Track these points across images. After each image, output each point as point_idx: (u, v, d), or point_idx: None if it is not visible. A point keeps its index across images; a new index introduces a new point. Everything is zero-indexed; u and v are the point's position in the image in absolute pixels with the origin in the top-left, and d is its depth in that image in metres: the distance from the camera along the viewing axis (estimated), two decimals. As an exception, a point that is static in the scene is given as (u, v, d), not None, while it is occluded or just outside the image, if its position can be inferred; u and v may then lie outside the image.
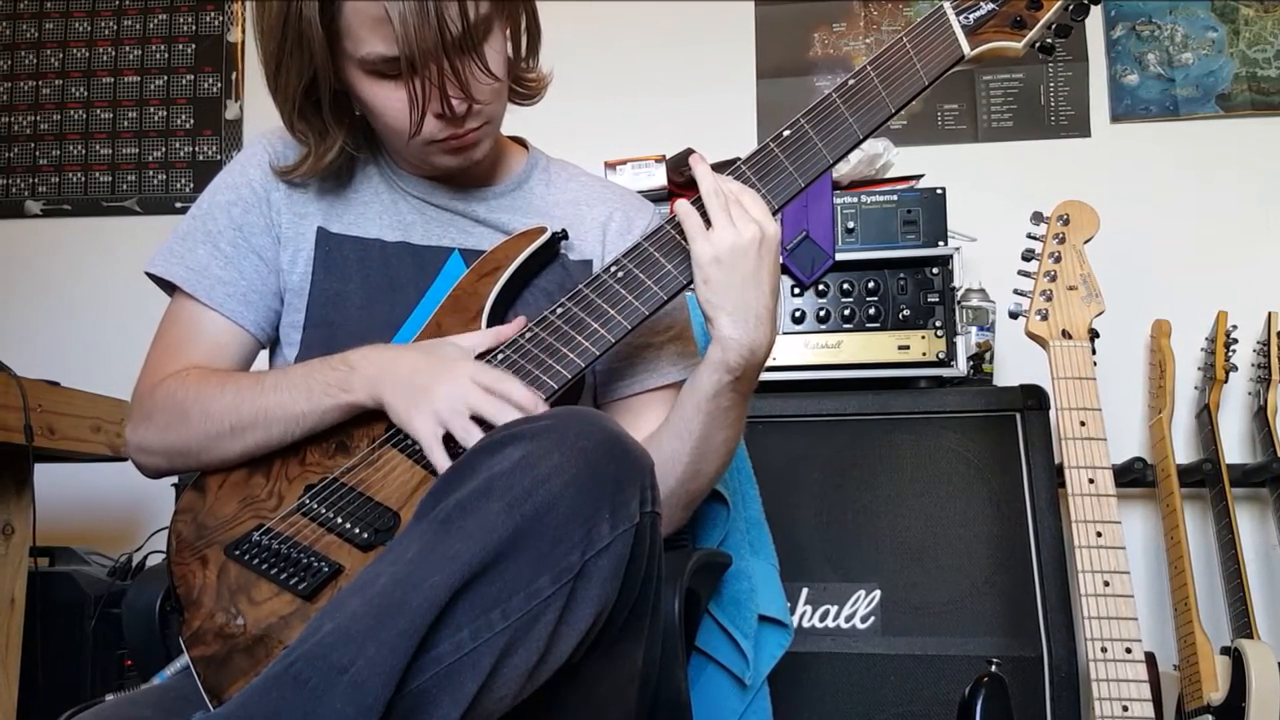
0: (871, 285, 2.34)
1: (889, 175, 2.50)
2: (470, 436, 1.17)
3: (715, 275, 1.23)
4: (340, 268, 1.41)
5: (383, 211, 1.45)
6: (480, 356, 1.28)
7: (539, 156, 1.56)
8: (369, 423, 1.28)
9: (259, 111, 3.30)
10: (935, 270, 2.33)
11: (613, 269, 1.30)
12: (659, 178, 2.46)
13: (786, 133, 1.31)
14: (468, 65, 1.26)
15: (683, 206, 1.27)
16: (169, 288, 1.43)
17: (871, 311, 2.34)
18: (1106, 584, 1.80)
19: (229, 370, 1.40)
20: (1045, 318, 1.92)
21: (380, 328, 1.39)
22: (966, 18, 1.32)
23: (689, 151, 2.50)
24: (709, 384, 1.27)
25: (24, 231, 3.39)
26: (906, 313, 2.33)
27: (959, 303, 2.41)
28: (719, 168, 1.31)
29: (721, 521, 1.61)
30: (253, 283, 1.41)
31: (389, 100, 1.28)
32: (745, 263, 1.23)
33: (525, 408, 1.19)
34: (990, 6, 1.32)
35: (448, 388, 1.20)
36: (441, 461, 1.18)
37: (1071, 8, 1.34)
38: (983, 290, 2.56)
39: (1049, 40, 1.36)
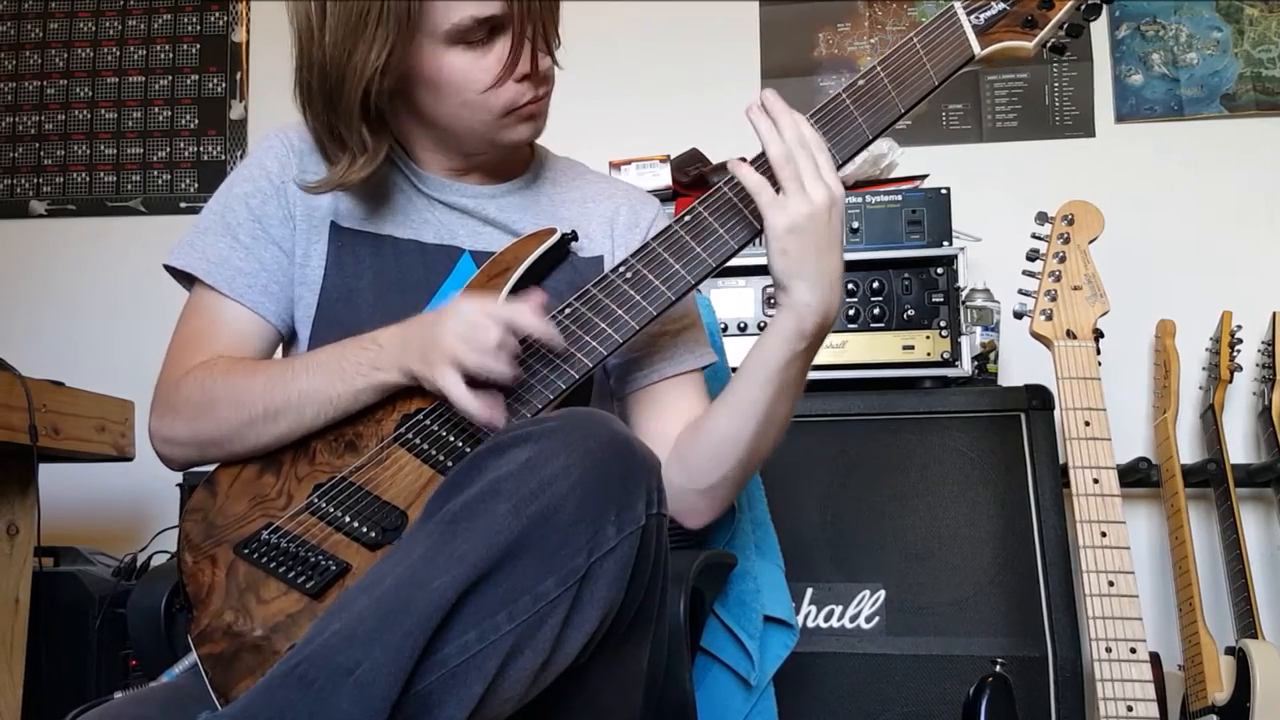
0: (876, 285, 2.34)
1: (894, 175, 2.50)
2: (487, 366, 1.18)
3: (792, 245, 1.22)
4: (353, 264, 1.41)
5: (396, 209, 1.45)
6: None
7: (545, 154, 1.56)
8: (378, 422, 1.28)
9: (264, 111, 3.31)
10: (940, 270, 2.33)
11: (621, 269, 1.30)
12: (664, 177, 2.46)
13: None
14: (549, 24, 1.28)
15: (751, 177, 1.24)
16: (187, 281, 1.43)
17: (876, 312, 2.34)
18: (1111, 584, 1.80)
19: (251, 358, 1.40)
20: (1050, 318, 1.92)
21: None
22: (977, 17, 1.31)
23: (694, 151, 2.51)
24: (781, 355, 1.27)
25: (29, 231, 3.39)
26: (911, 313, 2.33)
27: (964, 303, 2.41)
28: (723, 168, 1.31)
29: (727, 522, 1.60)
30: (273, 273, 1.41)
31: (472, 69, 1.28)
32: (820, 229, 1.22)
33: (533, 332, 1.21)
34: (1001, 6, 1.31)
35: (450, 326, 1.21)
36: (476, 410, 1.19)
37: (1084, 7, 1.32)
38: (987, 290, 2.56)
39: (1060, 41, 1.35)
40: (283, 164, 1.43)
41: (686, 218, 1.30)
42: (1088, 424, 1.87)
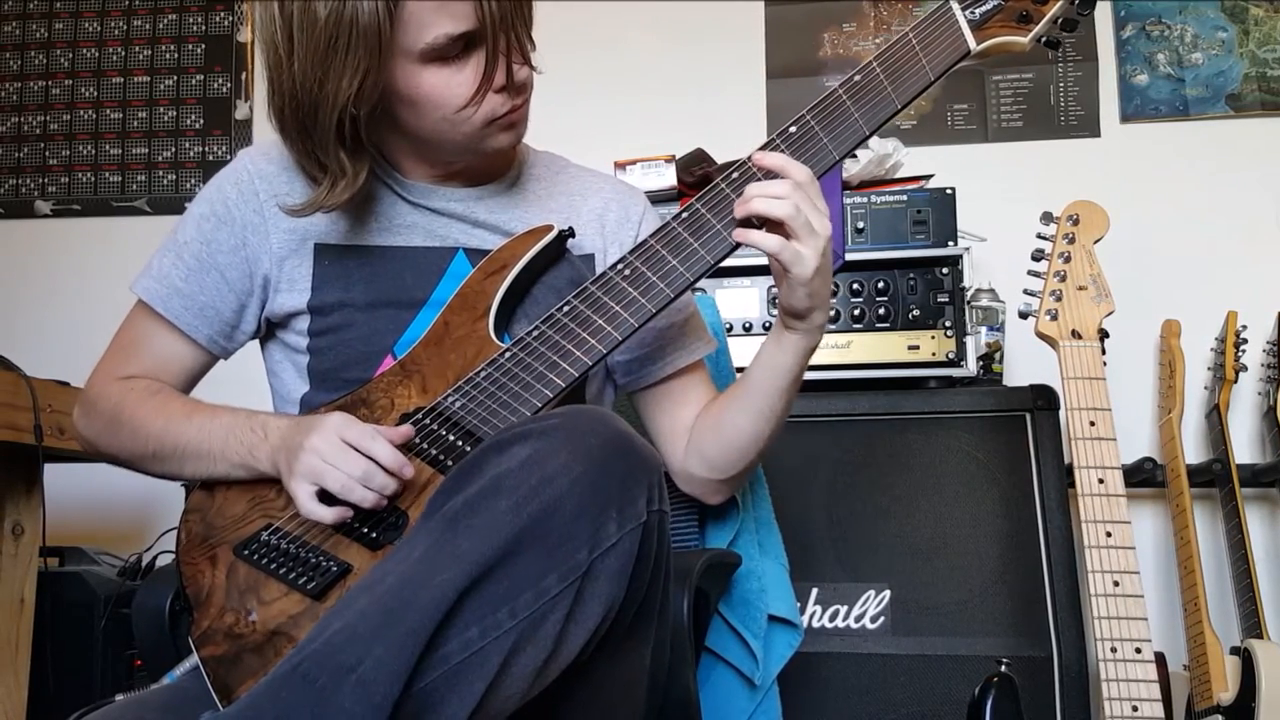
0: (881, 285, 2.33)
1: (899, 175, 2.49)
2: (347, 490, 1.15)
3: (817, 284, 1.28)
4: (341, 279, 1.40)
5: (381, 218, 1.43)
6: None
7: (526, 151, 1.55)
8: (376, 421, 1.27)
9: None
10: (945, 270, 2.33)
11: (620, 266, 1.29)
12: (669, 178, 2.46)
13: (793, 129, 1.30)
14: (522, 33, 1.28)
15: (767, 240, 1.25)
16: None
17: (881, 311, 2.33)
18: (1116, 584, 1.79)
19: (171, 390, 1.41)
20: (1055, 318, 1.91)
21: (385, 333, 1.38)
22: (972, 12, 1.30)
23: (699, 151, 2.51)
24: (798, 368, 1.38)
25: (34, 231, 3.40)
26: (916, 313, 2.32)
27: (969, 303, 2.40)
28: (726, 168, 1.30)
29: (731, 521, 1.61)
30: (211, 298, 1.41)
31: (448, 85, 1.27)
32: (828, 257, 1.28)
33: (389, 467, 1.16)
34: (996, 1, 1.30)
35: (313, 440, 1.17)
36: (322, 515, 1.16)
37: (1077, 1, 1.32)
38: (992, 290, 2.56)
39: (1055, 35, 1.34)
40: (241, 190, 1.41)
41: (685, 214, 1.29)
42: (1093, 424, 1.86)
